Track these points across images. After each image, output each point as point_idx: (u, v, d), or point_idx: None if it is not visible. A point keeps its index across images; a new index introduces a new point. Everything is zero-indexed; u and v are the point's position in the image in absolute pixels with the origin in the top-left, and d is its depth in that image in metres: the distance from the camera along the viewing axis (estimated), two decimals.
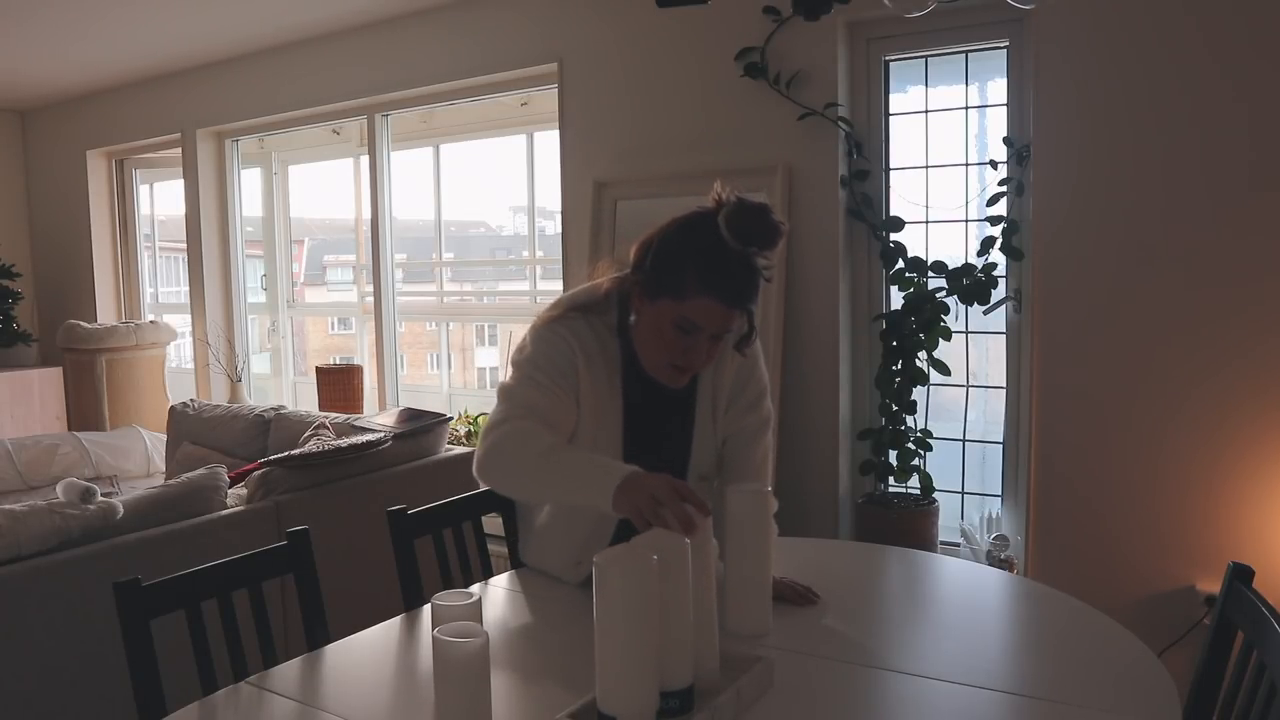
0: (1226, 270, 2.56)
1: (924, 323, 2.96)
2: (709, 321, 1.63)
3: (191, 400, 4.65)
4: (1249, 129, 2.51)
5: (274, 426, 4.04)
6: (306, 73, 4.61)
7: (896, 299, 3.13)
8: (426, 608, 1.69)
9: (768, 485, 1.84)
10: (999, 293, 2.95)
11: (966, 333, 3.09)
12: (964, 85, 3.10)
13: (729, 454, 1.84)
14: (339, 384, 4.61)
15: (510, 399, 1.68)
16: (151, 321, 5.50)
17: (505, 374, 1.77)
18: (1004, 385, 3.04)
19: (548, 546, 1.90)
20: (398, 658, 1.59)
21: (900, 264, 3.07)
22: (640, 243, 1.69)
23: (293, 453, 3.12)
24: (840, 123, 3.10)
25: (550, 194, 4.14)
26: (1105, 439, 2.74)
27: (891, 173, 3.19)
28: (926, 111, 3.16)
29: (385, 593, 2.21)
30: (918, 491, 3.07)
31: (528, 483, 1.66)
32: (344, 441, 3.25)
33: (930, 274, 3.02)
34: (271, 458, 3.10)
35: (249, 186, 5.32)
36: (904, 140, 3.19)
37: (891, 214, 3.14)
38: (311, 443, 3.37)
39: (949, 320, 2.99)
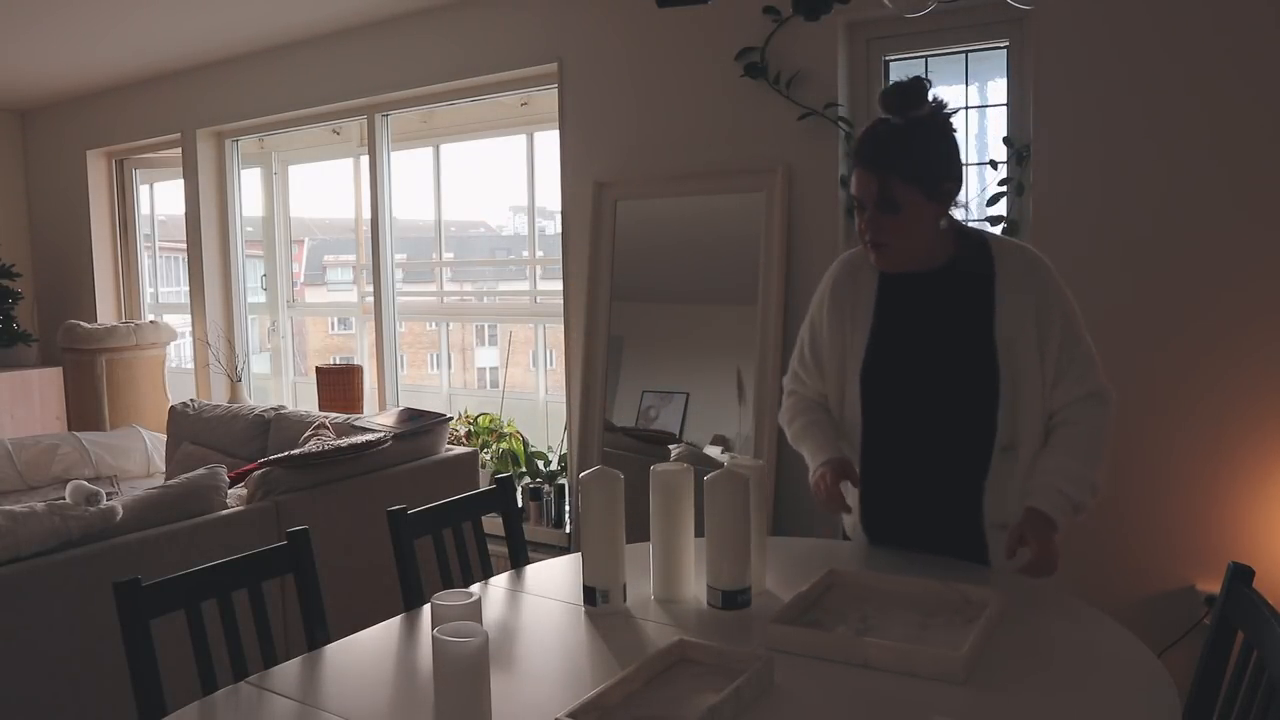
0: (1227, 269, 2.56)
1: None
2: (859, 189, 1.78)
3: (191, 400, 4.65)
4: (1248, 128, 2.50)
5: (274, 426, 4.04)
6: (306, 73, 4.61)
7: None
8: (426, 608, 1.70)
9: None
10: None
11: None
12: (964, 85, 3.10)
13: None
14: (339, 384, 4.61)
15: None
16: (151, 321, 5.50)
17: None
18: None
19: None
20: (398, 658, 1.59)
21: None
22: None
23: (293, 453, 3.12)
24: (840, 123, 3.10)
25: (550, 194, 4.14)
26: None
27: None
28: None
29: (385, 593, 2.21)
30: None
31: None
32: (344, 441, 3.25)
33: None
34: (271, 458, 3.10)
35: (249, 186, 5.32)
36: None
37: None
38: (311, 443, 3.37)
39: None
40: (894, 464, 1.90)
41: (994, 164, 2.95)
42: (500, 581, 1.90)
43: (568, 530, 3.86)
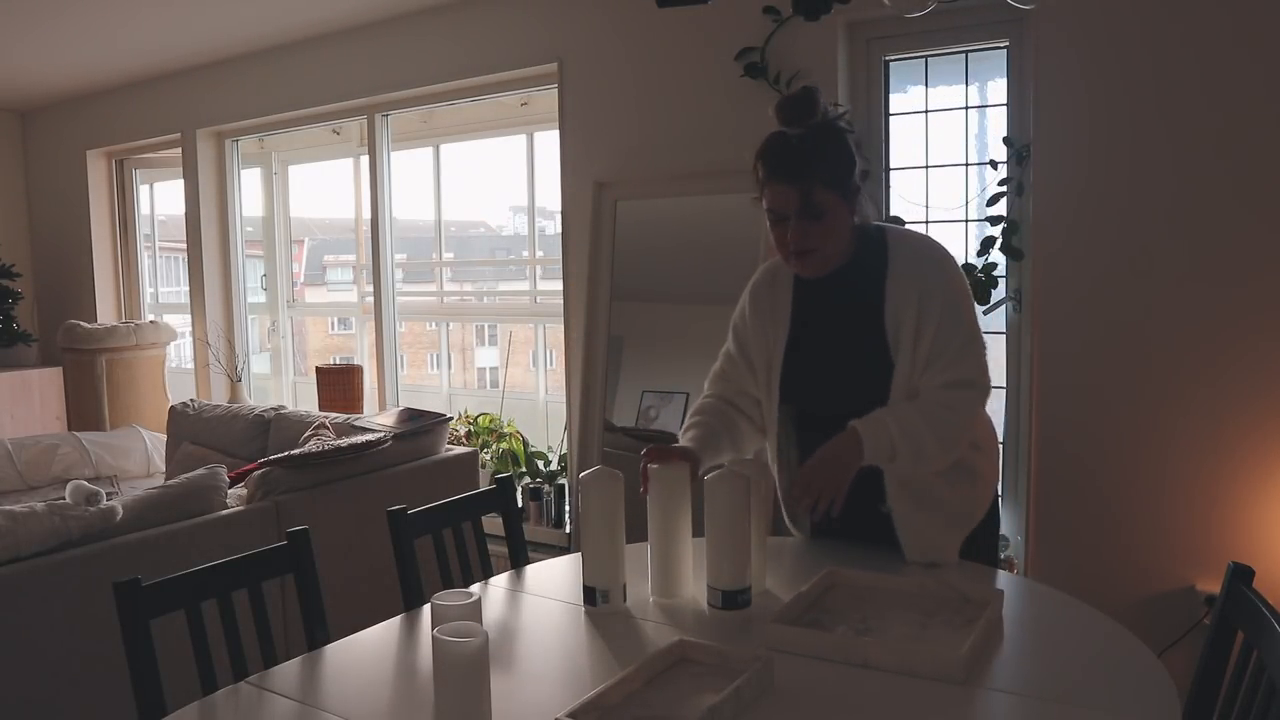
0: (1227, 270, 2.56)
1: None
2: (778, 202, 1.79)
3: (191, 400, 4.65)
4: (1251, 126, 2.50)
5: (274, 426, 4.04)
6: (306, 73, 4.61)
7: None
8: (426, 608, 1.69)
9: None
10: (999, 293, 2.95)
11: None
12: (964, 85, 3.10)
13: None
14: (339, 384, 4.61)
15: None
16: (151, 321, 5.50)
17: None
18: (1004, 385, 3.04)
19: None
20: (398, 658, 1.59)
21: None
22: None
23: (293, 453, 3.12)
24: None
25: (550, 194, 4.14)
26: (1105, 439, 2.74)
27: (891, 173, 3.19)
28: (926, 111, 3.16)
29: (385, 593, 2.21)
30: None
31: None
32: (344, 441, 3.25)
33: None
34: (271, 458, 3.10)
35: (249, 186, 5.32)
36: (904, 140, 3.18)
37: (891, 214, 3.14)
38: (311, 443, 3.37)
39: None
40: None
41: (994, 164, 2.94)
42: (500, 581, 1.90)
43: (568, 530, 3.86)
